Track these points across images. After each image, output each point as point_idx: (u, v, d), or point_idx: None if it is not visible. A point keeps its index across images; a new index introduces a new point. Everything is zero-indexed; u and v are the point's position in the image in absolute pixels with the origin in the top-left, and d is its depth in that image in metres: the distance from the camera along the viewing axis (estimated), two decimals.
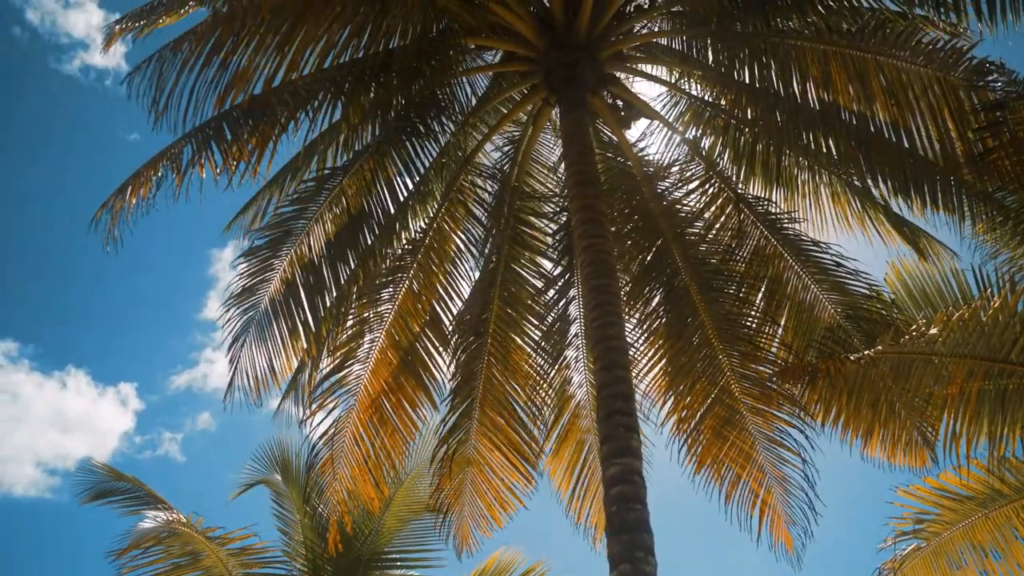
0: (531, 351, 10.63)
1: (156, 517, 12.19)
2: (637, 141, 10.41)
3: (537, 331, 10.69)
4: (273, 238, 9.90)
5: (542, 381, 10.73)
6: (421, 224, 10.21)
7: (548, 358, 10.73)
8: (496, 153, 10.63)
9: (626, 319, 9.54)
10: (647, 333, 10.57)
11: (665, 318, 10.44)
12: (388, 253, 9.97)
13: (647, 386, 10.61)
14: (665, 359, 10.50)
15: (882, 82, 8.49)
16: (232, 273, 9.85)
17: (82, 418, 31.52)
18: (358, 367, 10.21)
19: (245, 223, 10.24)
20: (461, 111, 10.09)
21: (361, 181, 9.61)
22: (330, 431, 10.15)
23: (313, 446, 10.25)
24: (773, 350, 10.25)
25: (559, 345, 10.78)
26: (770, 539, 10.28)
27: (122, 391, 31.62)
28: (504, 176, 10.41)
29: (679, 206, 10.42)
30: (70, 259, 30.09)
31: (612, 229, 9.78)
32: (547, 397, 10.81)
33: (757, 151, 9.97)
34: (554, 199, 10.67)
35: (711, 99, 9.97)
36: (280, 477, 14.23)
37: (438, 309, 10.31)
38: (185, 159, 8.41)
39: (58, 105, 27.62)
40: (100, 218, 8.62)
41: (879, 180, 9.26)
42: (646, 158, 10.43)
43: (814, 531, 9.97)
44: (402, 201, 9.88)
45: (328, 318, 9.72)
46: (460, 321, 10.44)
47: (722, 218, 10.30)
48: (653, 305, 10.49)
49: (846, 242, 10.12)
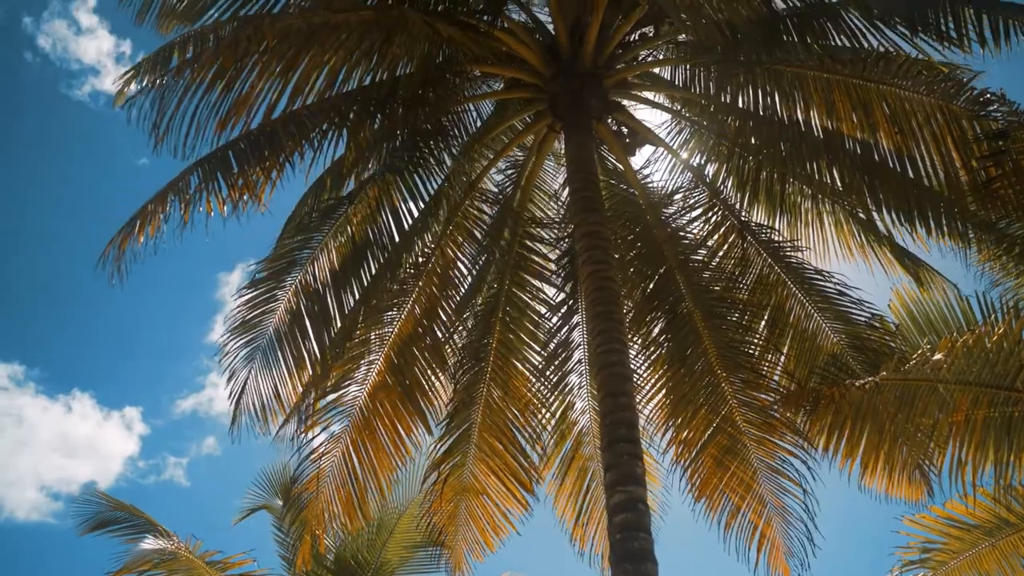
0: (533, 377, 10.62)
1: (156, 542, 12.14)
2: (641, 168, 10.48)
3: (539, 357, 10.69)
4: (277, 268, 9.93)
5: (543, 407, 10.71)
6: (425, 249, 10.22)
7: (550, 384, 10.72)
8: (499, 176, 10.69)
9: (629, 346, 9.52)
10: (650, 360, 10.56)
11: (668, 345, 10.44)
12: (392, 278, 9.97)
13: (649, 414, 10.57)
14: (667, 387, 10.47)
15: (885, 111, 8.54)
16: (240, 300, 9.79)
17: (86, 442, 31.48)
18: (355, 388, 10.19)
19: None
20: (466, 138, 10.14)
21: (366, 209, 9.64)
22: (326, 452, 10.13)
23: (299, 467, 10.23)
24: (776, 378, 10.24)
25: (561, 371, 10.77)
26: (768, 570, 10.22)
27: (127, 415, 31.59)
28: (508, 201, 10.44)
29: (683, 233, 10.44)
30: (77, 282, 30.24)
31: (616, 256, 9.79)
32: (548, 423, 10.79)
33: (761, 178, 10.01)
34: (558, 225, 10.69)
35: (715, 126, 10.01)
36: (281, 502, 14.19)
37: (439, 333, 10.29)
38: (191, 189, 8.44)
39: (68, 130, 27.89)
40: (107, 255, 8.64)
41: (882, 208, 9.30)
42: (650, 185, 10.47)
43: (811, 563, 9.92)
44: (406, 228, 9.89)
45: (332, 346, 9.74)
46: (461, 346, 10.43)
47: (726, 245, 10.32)
48: (656, 332, 10.49)
49: (850, 268, 10.15)
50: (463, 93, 9.91)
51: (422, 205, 9.88)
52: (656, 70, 10.15)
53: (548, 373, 10.66)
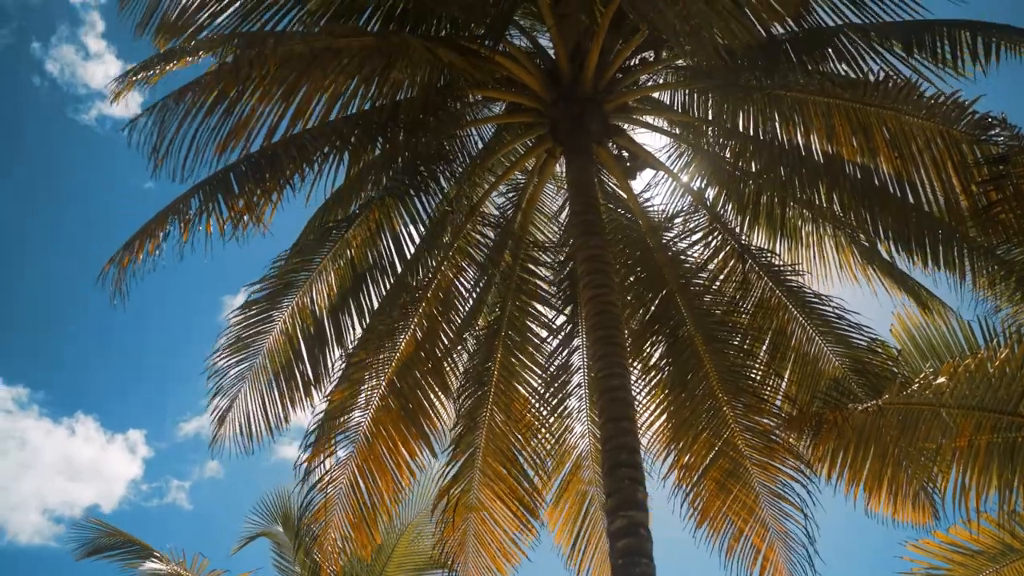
0: (534, 401, 10.60)
1: (156, 566, 12.11)
2: (642, 192, 10.49)
3: (540, 381, 10.66)
4: (273, 290, 9.92)
5: (544, 431, 10.68)
6: (426, 272, 10.20)
7: (550, 408, 10.69)
8: (500, 199, 10.69)
9: (629, 370, 9.50)
10: (650, 385, 10.53)
11: (669, 370, 10.41)
12: (392, 302, 9.96)
13: (650, 439, 10.53)
14: (669, 411, 10.44)
15: (885, 135, 8.56)
16: (233, 321, 9.78)
17: (90, 465, 31.42)
18: (358, 414, 10.15)
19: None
20: (467, 162, 10.15)
21: (366, 232, 9.64)
22: (329, 478, 10.07)
23: (309, 493, 10.14)
24: (777, 402, 10.21)
25: (561, 394, 10.75)
26: None
27: (131, 438, 31.54)
28: (508, 225, 10.44)
29: (684, 257, 10.43)
30: (82, 305, 30.27)
31: (616, 280, 9.78)
32: (550, 448, 10.75)
33: (761, 202, 10.03)
34: (559, 248, 10.69)
35: (715, 150, 10.03)
36: (281, 528, 14.13)
37: (441, 357, 10.26)
38: (192, 210, 8.44)
39: (75, 154, 28.05)
40: (107, 272, 8.63)
41: (882, 235, 9.30)
42: (651, 208, 10.47)
43: None
44: (407, 251, 9.90)
45: (332, 369, 9.74)
46: (464, 370, 10.40)
47: (726, 269, 10.30)
48: (657, 356, 10.46)
49: (852, 292, 10.14)
50: (464, 117, 9.95)
51: (423, 229, 9.88)
52: (656, 94, 10.19)
53: (548, 397, 10.64)
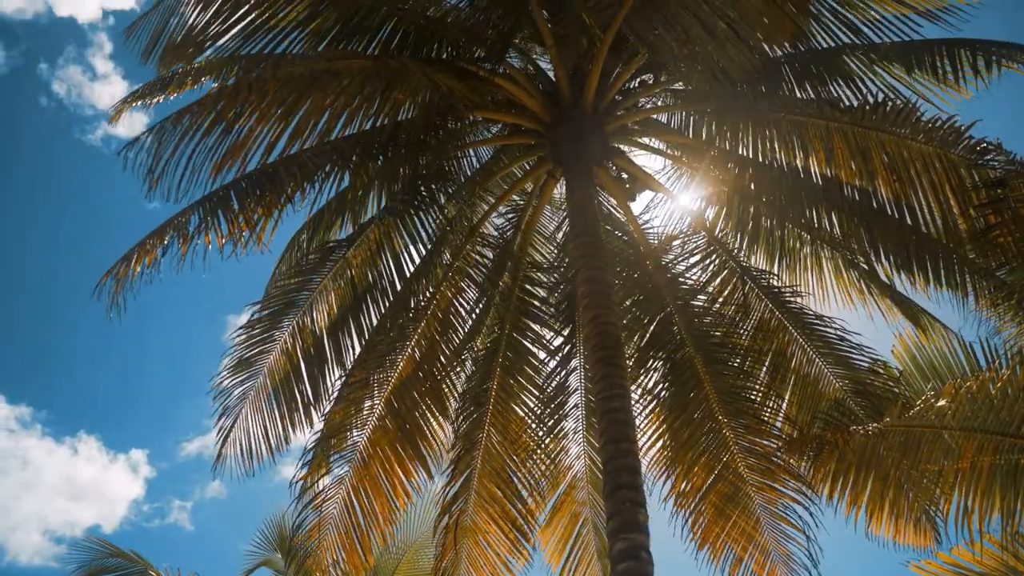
0: (531, 421, 10.56)
1: None
2: (641, 213, 10.51)
3: (537, 402, 10.63)
4: (275, 310, 9.92)
5: (540, 452, 10.64)
6: (425, 292, 10.20)
7: (547, 429, 10.66)
8: (499, 220, 10.70)
9: (630, 392, 9.46)
10: (650, 407, 10.50)
11: (668, 392, 10.39)
12: (391, 322, 9.95)
13: (649, 461, 10.49)
14: (668, 433, 10.40)
15: (884, 158, 8.59)
16: (236, 341, 9.78)
17: (91, 485, 31.32)
18: (355, 434, 10.10)
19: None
20: (467, 182, 10.17)
21: (366, 252, 9.66)
22: (323, 498, 10.02)
23: (302, 513, 10.09)
24: (777, 424, 10.18)
25: (558, 416, 10.71)
26: None
27: (133, 458, 31.42)
28: (508, 245, 10.45)
29: (683, 278, 10.44)
30: (87, 325, 30.27)
31: (616, 301, 9.77)
32: (545, 469, 10.72)
33: (760, 224, 10.06)
34: (558, 269, 10.69)
35: (715, 172, 10.06)
36: (280, 555, 14.03)
37: (439, 377, 10.23)
38: (191, 228, 8.43)
39: (80, 174, 28.19)
40: (104, 285, 8.60)
41: (881, 256, 9.32)
42: (650, 230, 10.49)
43: None
44: (407, 271, 9.90)
45: (331, 389, 9.71)
46: (462, 390, 10.38)
47: (726, 290, 10.32)
48: (656, 378, 10.44)
49: (852, 312, 10.15)
50: (465, 138, 9.97)
51: (423, 249, 9.89)
52: (656, 116, 10.22)
53: (545, 418, 10.60)
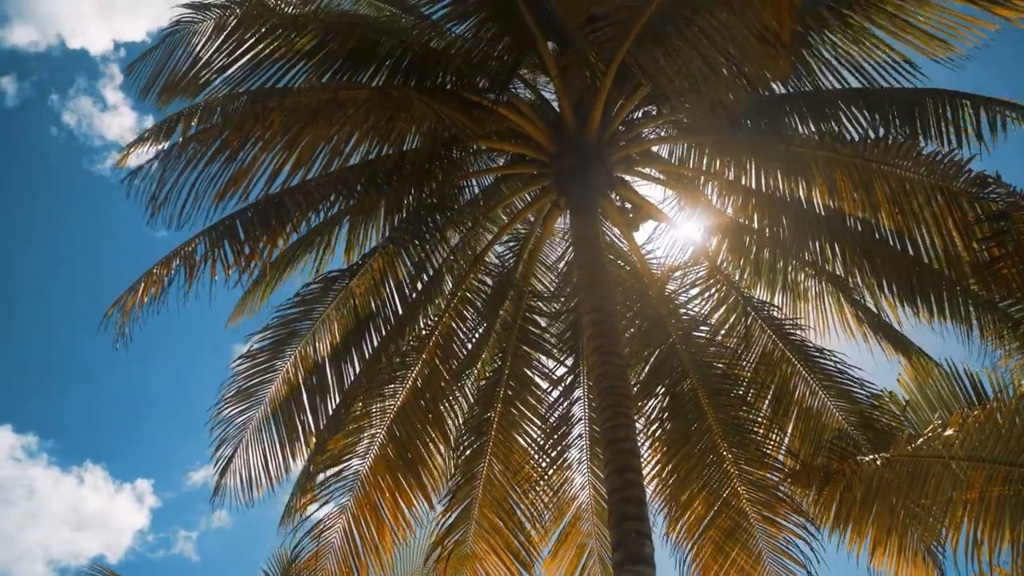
0: (534, 452, 10.51)
1: None
2: (645, 243, 10.53)
3: (540, 432, 10.59)
4: (276, 339, 9.89)
5: (543, 483, 10.59)
6: (428, 321, 10.18)
7: (550, 459, 10.61)
8: (500, 248, 10.70)
9: (635, 422, 9.42)
10: (652, 438, 10.45)
11: (670, 423, 10.34)
12: (393, 351, 9.91)
13: (651, 493, 10.41)
14: (670, 465, 10.34)
15: (886, 191, 8.62)
16: (238, 370, 9.73)
17: (97, 515, 31.09)
18: (356, 462, 10.03)
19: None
20: (471, 212, 10.19)
21: (370, 281, 9.65)
22: (323, 527, 9.92)
23: (300, 542, 9.98)
24: (780, 457, 10.13)
25: (561, 446, 10.66)
26: None
27: (138, 487, 31.17)
28: (510, 275, 10.45)
29: (686, 308, 10.44)
30: (95, 354, 30.22)
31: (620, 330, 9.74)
32: (548, 500, 10.65)
33: (763, 255, 10.08)
34: (562, 299, 10.67)
35: (718, 203, 10.10)
36: None
37: (441, 406, 10.17)
38: (197, 256, 8.41)
39: (89, 204, 28.33)
40: (111, 316, 8.56)
41: (885, 288, 9.34)
42: (653, 259, 10.51)
43: None
44: (410, 300, 9.88)
45: (332, 418, 9.63)
46: (463, 420, 10.33)
47: (729, 321, 10.32)
48: (658, 409, 10.40)
49: (859, 341, 10.13)
50: (468, 168, 10.00)
51: (426, 278, 9.88)
52: (660, 147, 10.28)
53: (548, 448, 10.56)
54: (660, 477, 10.37)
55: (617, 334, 8.77)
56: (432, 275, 9.92)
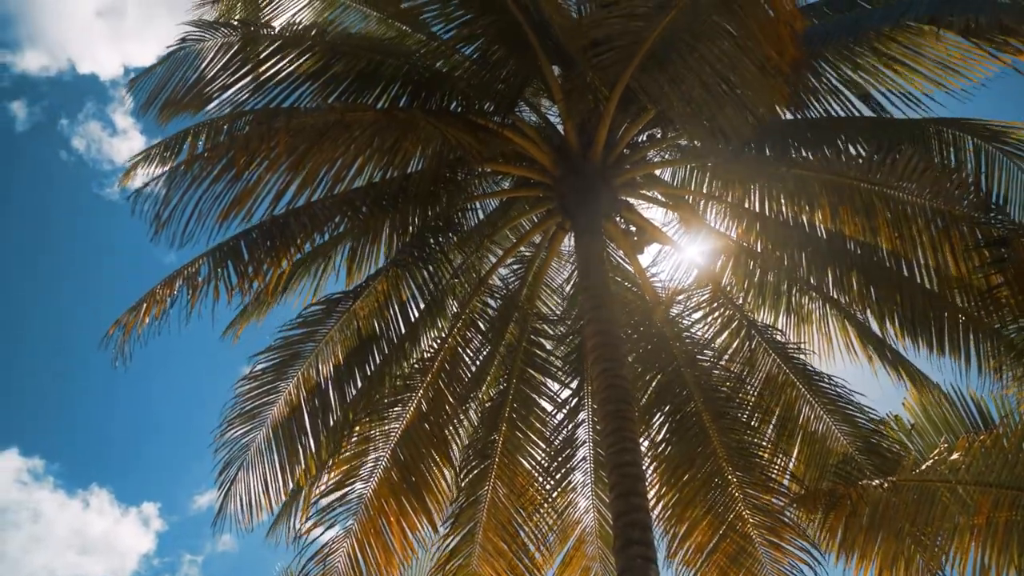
0: (538, 475, 10.48)
1: None
2: (649, 265, 10.54)
3: (544, 454, 10.56)
4: (280, 360, 9.86)
5: (547, 506, 10.54)
6: (432, 343, 10.16)
7: (555, 482, 10.57)
8: (504, 271, 10.71)
9: (640, 446, 9.37)
10: (656, 461, 10.40)
11: (675, 446, 10.30)
12: (397, 373, 9.89)
13: (655, 517, 10.34)
14: (674, 488, 10.29)
15: (887, 215, 8.61)
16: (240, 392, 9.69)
17: (102, 538, 30.98)
18: (360, 485, 10.00)
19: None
20: (475, 234, 10.20)
21: (374, 303, 9.63)
22: (331, 552, 9.86)
23: (303, 568, 9.89)
24: (785, 481, 10.09)
25: (566, 469, 10.62)
26: None
27: (144, 511, 31.04)
28: (515, 297, 10.45)
29: (690, 331, 10.43)
30: (102, 379, 30.24)
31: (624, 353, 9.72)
32: (553, 524, 10.60)
33: (767, 279, 10.07)
34: (567, 321, 10.66)
35: (721, 226, 10.12)
36: None
37: (445, 430, 10.14)
38: (201, 276, 8.41)
39: (98, 228, 28.47)
40: (113, 335, 8.55)
41: (887, 318, 9.32)
42: (658, 282, 10.50)
43: None
44: (414, 322, 9.87)
45: (335, 441, 9.60)
46: (468, 443, 10.32)
47: (734, 344, 10.30)
48: (663, 432, 10.36)
49: (864, 365, 10.10)
50: (473, 190, 10.02)
51: (430, 300, 9.88)
52: (664, 170, 10.30)
53: (552, 471, 10.52)
54: (664, 501, 10.32)
55: (622, 357, 8.75)
56: (437, 298, 9.91)
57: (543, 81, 9.41)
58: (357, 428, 9.83)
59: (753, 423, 10.17)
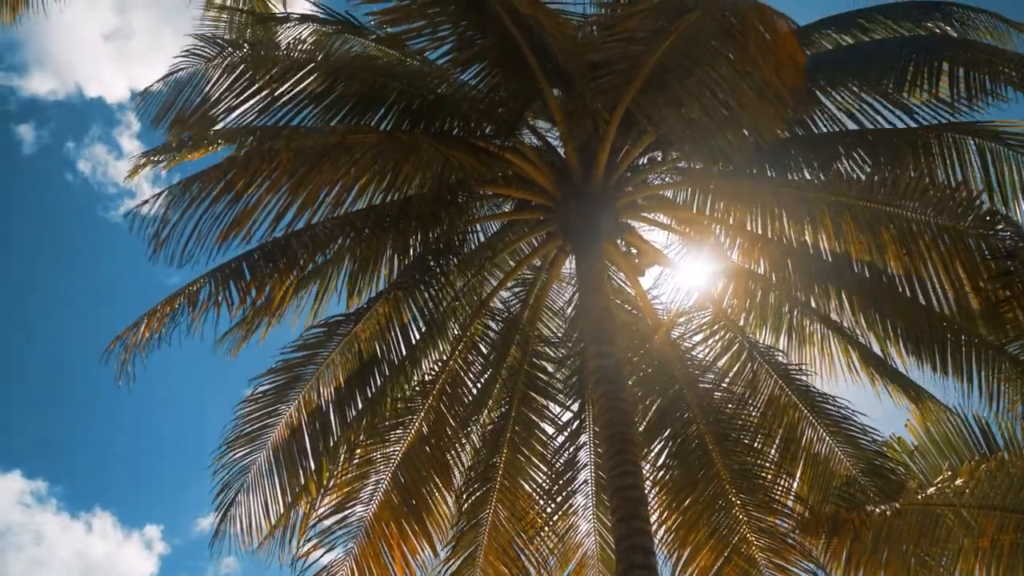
0: (539, 497, 10.43)
1: None
2: (651, 288, 10.51)
3: (545, 477, 10.52)
4: (282, 383, 9.84)
5: (548, 529, 10.49)
6: (433, 366, 10.14)
7: (556, 505, 10.52)
8: (506, 293, 10.67)
9: (642, 469, 9.32)
10: (658, 483, 10.36)
11: (678, 468, 10.25)
12: (398, 396, 9.87)
13: (658, 541, 10.27)
14: (677, 511, 10.23)
15: (892, 232, 8.59)
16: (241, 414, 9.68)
17: (105, 562, 30.86)
18: (360, 508, 9.96)
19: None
20: (477, 257, 10.19)
21: (375, 326, 9.63)
22: (330, 574, 9.82)
23: None
24: (789, 503, 10.03)
25: (567, 492, 10.57)
26: None
27: (147, 534, 30.94)
28: (516, 320, 10.44)
29: (692, 353, 10.40)
30: (106, 401, 30.25)
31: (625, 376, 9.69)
32: (554, 547, 10.55)
33: (769, 300, 10.05)
34: (568, 344, 10.64)
35: (723, 248, 10.09)
36: None
37: (446, 452, 10.11)
38: (202, 298, 8.42)
39: (103, 251, 28.60)
40: (113, 351, 8.55)
41: (891, 334, 9.28)
42: (659, 304, 10.48)
43: None
44: (415, 344, 9.86)
45: (335, 464, 9.57)
46: (469, 466, 10.28)
47: (736, 366, 10.27)
48: (666, 454, 10.32)
49: (866, 386, 10.05)
50: (475, 213, 10.02)
51: (431, 322, 9.86)
52: (665, 192, 10.29)
53: (554, 493, 10.48)
54: (667, 524, 10.27)
55: (623, 379, 8.71)
56: (438, 320, 9.90)
57: (544, 103, 9.41)
58: (358, 451, 9.82)
59: (756, 445, 10.11)
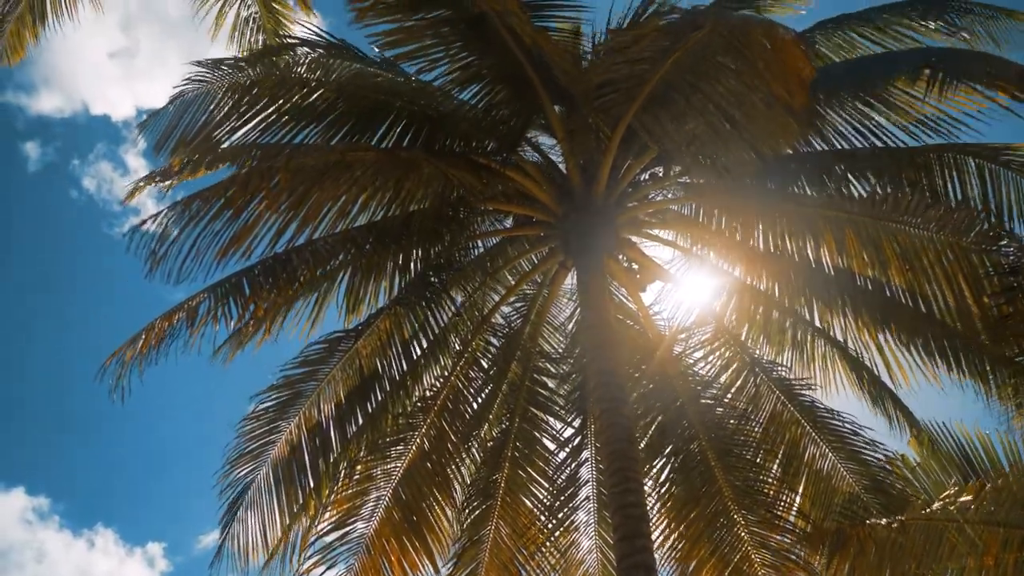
0: (540, 514, 10.38)
1: None
2: (652, 303, 10.48)
3: (547, 493, 10.48)
4: (282, 400, 9.82)
5: (550, 545, 10.47)
6: (434, 382, 10.12)
7: (557, 521, 10.48)
8: (507, 309, 10.65)
9: (643, 485, 9.29)
10: (660, 500, 10.32)
11: (680, 485, 10.21)
12: (399, 411, 9.85)
13: (660, 558, 10.24)
14: (680, 528, 10.19)
15: (896, 248, 8.58)
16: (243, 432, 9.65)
17: None
18: (361, 525, 9.92)
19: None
20: (478, 272, 10.18)
21: (376, 342, 9.61)
22: None
23: None
24: (791, 519, 9.99)
25: (568, 508, 10.52)
26: None
27: (149, 551, 30.84)
28: (518, 336, 10.41)
29: (694, 369, 10.37)
30: (108, 417, 30.24)
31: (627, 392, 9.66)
32: (556, 563, 10.50)
33: (771, 316, 10.02)
34: (569, 359, 10.61)
35: (726, 264, 10.08)
36: None
37: (448, 469, 10.08)
38: (201, 313, 8.41)
39: (107, 267, 28.69)
40: (110, 366, 8.55)
41: (894, 350, 9.26)
42: (661, 320, 10.46)
43: None
44: (416, 360, 9.83)
45: (336, 481, 9.55)
46: (470, 482, 10.25)
47: (737, 382, 10.24)
48: (668, 471, 10.27)
49: (866, 403, 10.01)
50: (476, 229, 10.02)
51: (433, 339, 9.85)
52: (666, 208, 10.28)
53: (555, 510, 10.43)
54: (669, 540, 10.22)
55: (624, 395, 8.67)
56: (439, 336, 9.89)
57: (545, 120, 9.43)
58: (359, 467, 9.80)
59: (758, 461, 10.08)
